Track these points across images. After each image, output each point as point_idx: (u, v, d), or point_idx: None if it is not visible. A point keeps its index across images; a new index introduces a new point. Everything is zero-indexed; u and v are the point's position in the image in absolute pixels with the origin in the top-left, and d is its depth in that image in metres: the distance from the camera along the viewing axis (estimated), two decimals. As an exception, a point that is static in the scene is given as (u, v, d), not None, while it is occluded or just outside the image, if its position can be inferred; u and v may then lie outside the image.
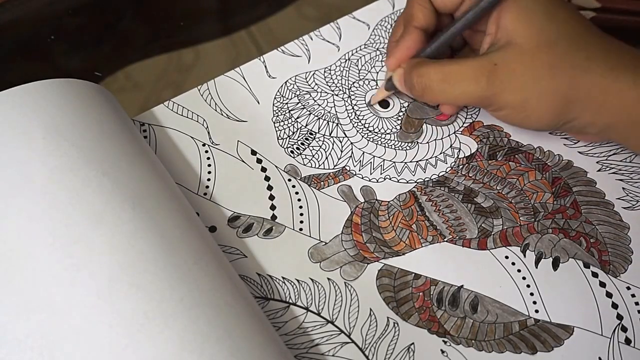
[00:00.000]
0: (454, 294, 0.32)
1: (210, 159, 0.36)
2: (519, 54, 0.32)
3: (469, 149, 0.37)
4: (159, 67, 0.42)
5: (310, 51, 0.41)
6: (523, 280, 0.33)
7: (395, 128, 0.38)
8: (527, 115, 0.33)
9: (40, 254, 0.26)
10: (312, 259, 0.33)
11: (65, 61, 0.42)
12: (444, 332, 0.31)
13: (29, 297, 0.25)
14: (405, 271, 0.33)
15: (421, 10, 0.36)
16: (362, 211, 0.35)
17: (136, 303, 0.25)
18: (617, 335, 0.31)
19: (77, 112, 0.31)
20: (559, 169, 0.37)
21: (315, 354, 0.30)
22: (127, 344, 0.24)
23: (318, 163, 0.36)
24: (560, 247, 0.34)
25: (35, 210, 0.27)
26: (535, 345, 0.31)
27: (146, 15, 0.45)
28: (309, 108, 0.38)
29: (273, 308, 0.31)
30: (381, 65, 0.40)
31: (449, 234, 0.34)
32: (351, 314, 0.31)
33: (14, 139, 0.29)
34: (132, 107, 0.39)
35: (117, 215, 0.27)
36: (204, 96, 0.38)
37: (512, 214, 0.35)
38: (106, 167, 0.29)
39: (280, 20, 0.44)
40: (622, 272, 0.33)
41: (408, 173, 0.36)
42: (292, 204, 0.35)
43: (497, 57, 0.32)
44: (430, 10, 0.36)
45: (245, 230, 0.34)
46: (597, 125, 0.33)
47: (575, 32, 0.32)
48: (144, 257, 0.26)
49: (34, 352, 0.24)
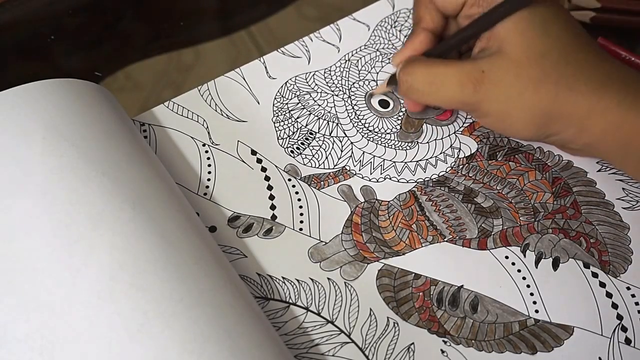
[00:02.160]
0: (454, 294, 0.32)
1: (210, 159, 0.36)
2: (507, 64, 0.32)
3: (469, 149, 0.37)
4: (159, 67, 0.42)
5: (310, 52, 0.41)
6: (523, 280, 0.33)
7: (395, 128, 0.38)
8: (509, 125, 0.33)
9: (40, 253, 0.26)
10: (312, 259, 0.33)
11: (65, 61, 0.42)
12: (444, 332, 0.31)
13: (29, 297, 0.25)
14: (405, 271, 0.33)
15: (428, 12, 0.36)
16: (362, 211, 0.35)
17: (136, 303, 0.25)
18: (617, 335, 0.31)
19: (77, 112, 0.31)
20: (559, 169, 0.37)
21: (315, 354, 0.30)
22: (127, 344, 0.24)
23: (318, 163, 0.36)
24: (560, 247, 0.34)
25: (35, 210, 0.27)
26: (535, 345, 0.31)
27: (146, 15, 0.45)
28: (309, 108, 0.38)
29: (273, 308, 0.31)
30: (381, 66, 0.40)
31: (449, 234, 0.34)
32: (351, 313, 0.31)
33: (14, 139, 0.29)
34: (132, 107, 0.39)
35: (117, 215, 0.27)
36: (204, 96, 0.38)
37: (512, 214, 0.35)
38: (106, 167, 0.29)
39: (280, 20, 0.44)
40: (622, 272, 0.33)
41: (408, 173, 0.36)
42: (292, 203, 0.35)
43: (485, 65, 0.32)
44: (437, 12, 0.36)
45: (245, 230, 0.34)
46: (578, 143, 0.33)
47: (567, 46, 0.32)
48: (144, 257, 0.26)
49: (34, 352, 0.24)
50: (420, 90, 0.34)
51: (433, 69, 0.33)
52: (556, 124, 0.32)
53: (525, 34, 0.32)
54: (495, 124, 0.34)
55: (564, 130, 0.32)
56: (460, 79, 0.32)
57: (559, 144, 0.35)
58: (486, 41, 0.33)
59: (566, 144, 0.34)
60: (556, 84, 0.31)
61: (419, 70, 0.34)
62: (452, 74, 0.33)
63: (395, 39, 0.42)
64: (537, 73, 0.31)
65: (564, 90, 0.31)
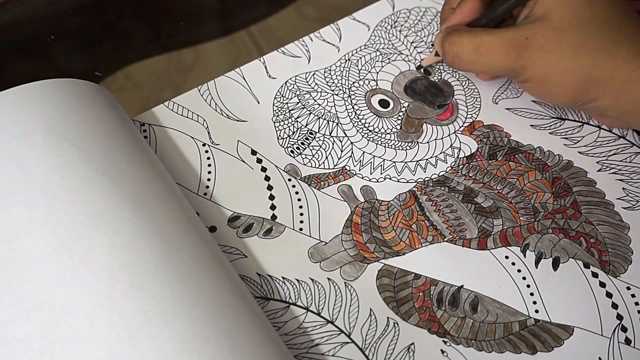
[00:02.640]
0: (454, 294, 0.32)
1: (210, 159, 0.36)
2: (550, 30, 0.33)
3: (469, 149, 0.37)
4: (159, 67, 0.42)
5: (310, 52, 0.41)
6: (523, 280, 0.33)
7: (395, 128, 0.38)
8: (549, 90, 0.34)
9: (40, 253, 0.26)
10: (312, 259, 0.33)
11: (65, 61, 0.42)
12: (444, 332, 0.31)
13: (29, 297, 0.25)
14: (405, 271, 0.33)
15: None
16: (362, 211, 0.35)
17: (136, 303, 0.25)
18: (617, 335, 0.31)
19: (77, 112, 0.31)
20: (559, 169, 0.37)
21: (315, 354, 0.30)
22: (127, 344, 0.24)
23: (318, 163, 0.36)
24: (560, 247, 0.34)
25: (35, 210, 0.27)
26: (535, 345, 0.31)
27: (146, 15, 0.45)
28: (309, 108, 0.38)
29: (273, 308, 0.31)
30: (381, 66, 0.40)
31: (449, 234, 0.34)
32: (351, 314, 0.31)
33: (14, 139, 0.29)
34: (132, 107, 0.39)
35: (117, 215, 0.27)
36: (204, 96, 0.38)
37: (512, 214, 0.35)
38: (106, 167, 0.29)
39: (280, 20, 0.44)
40: (622, 272, 0.33)
41: (408, 173, 0.36)
42: (292, 203, 0.35)
43: (529, 31, 0.33)
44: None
45: (245, 230, 0.34)
46: (616, 109, 0.34)
47: (609, 14, 0.33)
48: (144, 257, 0.26)
49: (34, 352, 0.24)
50: (466, 59, 0.35)
51: (478, 38, 0.34)
52: (595, 90, 0.33)
53: (569, 1, 0.33)
54: (536, 88, 0.35)
55: (603, 97, 0.33)
56: (505, 45, 0.33)
57: (596, 112, 0.36)
58: (531, 9, 0.34)
59: (604, 111, 0.35)
60: (596, 50, 0.32)
61: (465, 39, 0.35)
62: (497, 41, 0.34)
63: (395, 39, 0.42)
64: (578, 39, 0.32)
65: (604, 55, 0.32)
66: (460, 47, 0.35)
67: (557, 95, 0.34)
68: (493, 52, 0.34)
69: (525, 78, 0.34)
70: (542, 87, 0.35)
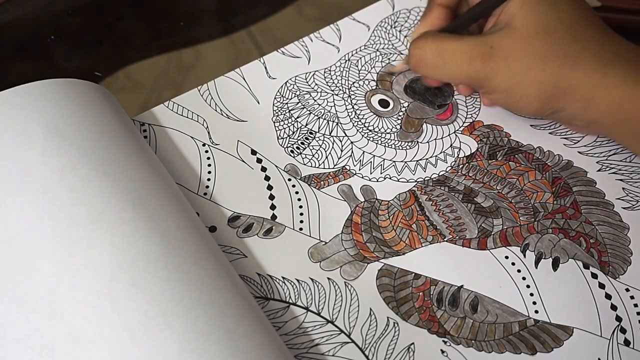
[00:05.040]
0: (454, 294, 0.32)
1: (210, 159, 0.36)
2: (516, 39, 0.32)
3: (469, 149, 0.37)
4: (159, 67, 0.42)
5: (310, 52, 0.41)
6: (523, 280, 0.33)
7: (395, 127, 0.38)
8: (516, 101, 0.34)
9: (41, 253, 0.26)
10: (312, 259, 0.33)
11: (65, 61, 0.42)
12: (444, 332, 0.31)
13: (29, 297, 0.25)
14: (405, 271, 0.33)
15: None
16: (362, 211, 0.35)
17: (136, 303, 0.25)
18: (616, 336, 0.31)
19: (77, 112, 0.31)
20: (559, 169, 0.37)
21: (315, 354, 0.30)
22: (127, 344, 0.24)
23: (318, 162, 0.36)
24: (560, 248, 0.34)
25: (35, 210, 0.27)
26: (535, 345, 0.31)
27: (146, 15, 0.45)
28: (309, 108, 0.38)
29: (273, 308, 0.31)
30: (381, 66, 0.40)
31: (449, 234, 0.34)
32: (351, 313, 0.31)
33: (14, 139, 0.29)
34: (132, 107, 0.39)
35: (117, 215, 0.27)
36: (204, 96, 0.38)
37: (512, 214, 0.35)
38: (106, 167, 0.29)
39: (280, 20, 0.44)
40: (621, 273, 0.33)
41: (408, 172, 0.36)
42: (292, 203, 0.35)
43: (494, 40, 0.33)
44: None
45: (245, 230, 0.34)
46: (583, 118, 0.33)
47: (574, 23, 0.32)
48: (144, 257, 0.26)
49: (34, 352, 0.24)
50: (430, 64, 0.34)
51: (443, 43, 0.34)
52: (562, 100, 0.33)
53: (534, 9, 0.32)
54: (503, 99, 0.35)
55: (570, 106, 0.33)
56: (469, 53, 0.33)
57: (564, 120, 0.36)
58: (497, 17, 0.34)
59: (571, 120, 0.35)
60: (563, 60, 0.32)
61: (428, 44, 0.34)
62: (461, 48, 0.33)
63: (395, 39, 0.42)
64: (544, 48, 0.32)
65: (570, 65, 0.32)
66: (424, 51, 0.34)
67: (524, 106, 0.34)
68: (457, 58, 0.33)
69: (490, 89, 0.34)
70: (509, 98, 0.34)
